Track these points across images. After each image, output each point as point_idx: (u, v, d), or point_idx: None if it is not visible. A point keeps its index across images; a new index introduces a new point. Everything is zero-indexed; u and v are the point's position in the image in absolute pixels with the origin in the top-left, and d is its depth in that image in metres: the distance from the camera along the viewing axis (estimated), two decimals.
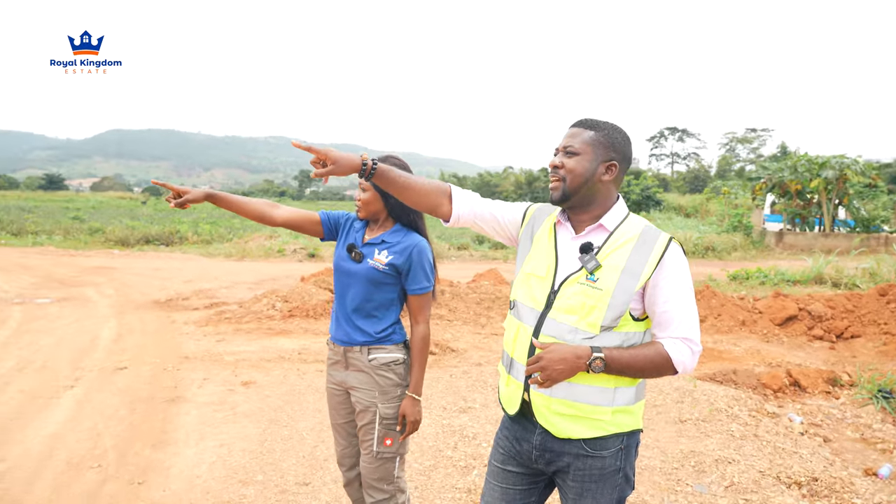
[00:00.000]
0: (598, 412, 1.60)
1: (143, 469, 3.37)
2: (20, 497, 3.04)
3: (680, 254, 1.61)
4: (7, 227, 22.13)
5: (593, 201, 1.67)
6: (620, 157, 1.66)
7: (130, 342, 6.36)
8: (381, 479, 2.17)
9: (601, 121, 1.68)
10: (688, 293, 1.59)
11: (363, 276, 2.16)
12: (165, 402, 4.48)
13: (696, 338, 1.58)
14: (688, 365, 1.58)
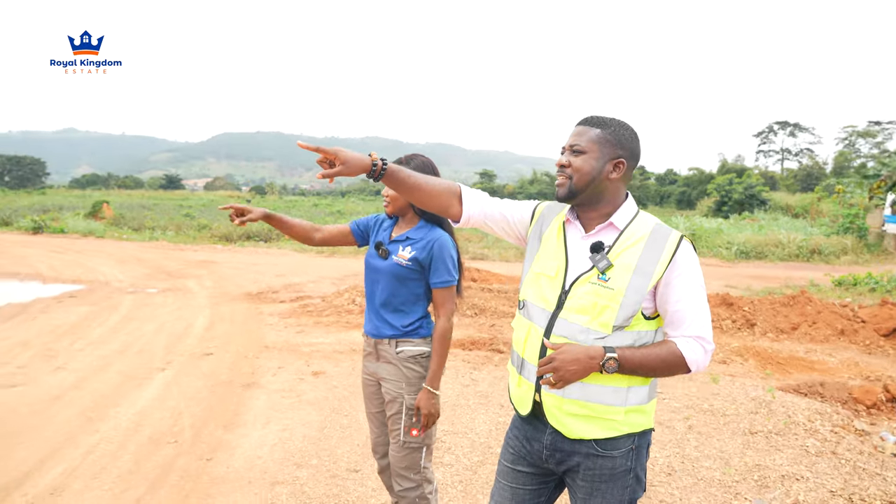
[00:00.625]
0: (611, 412, 1.59)
1: (213, 447, 3.65)
2: (106, 465, 3.39)
3: (691, 252, 1.58)
4: (129, 222, 24.39)
5: (601, 199, 1.65)
6: (628, 155, 1.63)
7: (220, 330, 6.84)
8: (408, 468, 2.24)
9: (608, 118, 1.65)
10: (699, 291, 1.57)
11: (388, 271, 2.25)
12: (241, 387, 4.80)
13: (709, 336, 1.57)
14: (701, 363, 1.57)
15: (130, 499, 3.01)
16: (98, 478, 3.23)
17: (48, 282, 10.60)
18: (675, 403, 4.49)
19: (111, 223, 24.29)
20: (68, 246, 17.03)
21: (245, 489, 3.11)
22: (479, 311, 7.83)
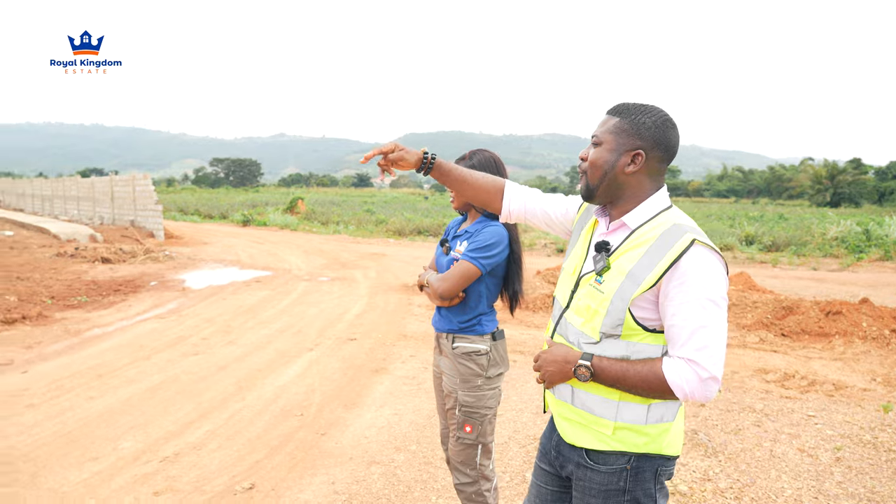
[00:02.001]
0: (599, 423, 1.47)
1: (330, 424, 3.96)
2: (240, 430, 3.85)
3: (703, 260, 1.35)
4: (318, 217, 27.06)
5: (620, 196, 1.50)
6: (649, 146, 1.45)
7: (369, 318, 7.34)
8: (464, 463, 2.25)
9: (634, 104, 1.49)
10: (705, 308, 1.33)
11: (446, 266, 2.27)
12: (371, 371, 5.12)
13: (708, 362, 1.32)
14: (692, 391, 1.33)
15: (251, 461, 3.40)
16: (232, 439, 3.69)
17: (244, 268, 12.16)
18: (828, 431, 3.90)
19: (304, 218, 27.12)
20: (266, 237, 19.35)
21: (345, 465, 3.35)
22: None
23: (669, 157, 1.48)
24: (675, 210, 1.49)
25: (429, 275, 2.32)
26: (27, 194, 33.64)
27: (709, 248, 1.37)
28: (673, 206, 1.49)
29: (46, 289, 8.80)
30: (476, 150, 2.33)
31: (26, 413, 4.09)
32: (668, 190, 1.53)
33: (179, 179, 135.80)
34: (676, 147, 1.48)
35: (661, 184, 1.51)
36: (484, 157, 2.29)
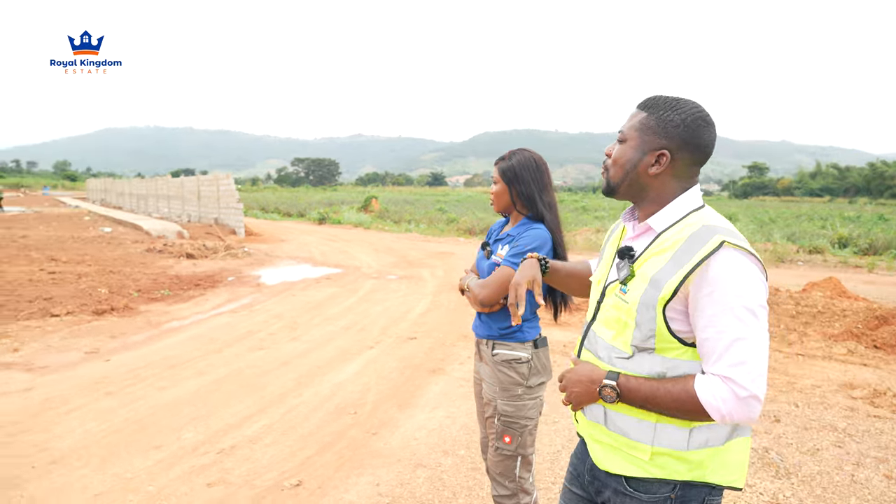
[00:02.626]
0: (636, 448, 1.34)
1: (382, 423, 3.97)
2: (295, 426, 3.93)
3: (735, 263, 1.21)
4: (391, 216, 27.51)
5: (644, 197, 1.39)
6: (676, 145, 1.31)
7: (431, 317, 7.35)
8: (502, 475, 2.17)
9: (665, 98, 1.36)
10: (739, 317, 1.19)
11: (487, 270, 2.19)
12: (428, 371, 5.11)
13: (746, 379, 1.17)
14: (728, 411, 1.19)
15: (301, 457, 3.45)
16: (286, 434, 3.77)
17: (317, 265, 12.51)
18: None
19: (377, 216, 27.65)
20: (340, 235, 19.85)
21: (391, 466, 3.33)
22: None
23: (701, 158, 1.34)
24: (708, 210, 1.34)
25: (469, 279, 2.26)
26: (125, 193, 36.11)
27: (742, 251, 1.22)
28: (705, 206, 1.35)
29: (134, 282, 9.37)
30: (516, 150, 2.25)
31: (104, 400, 4.35)
32: (755, 187, 1.40)
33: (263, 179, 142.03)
34: (710, 147, 1.34)
35: (692, 184, 1.37)
36: (524, 157, 2.21)
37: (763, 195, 69.25)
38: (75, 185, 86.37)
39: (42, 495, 2.99)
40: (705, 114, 1.33)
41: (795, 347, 6.20)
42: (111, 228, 19.63)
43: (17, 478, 3.16)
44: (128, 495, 2.99)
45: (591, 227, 20.31)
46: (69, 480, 3.14)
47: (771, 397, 4.55)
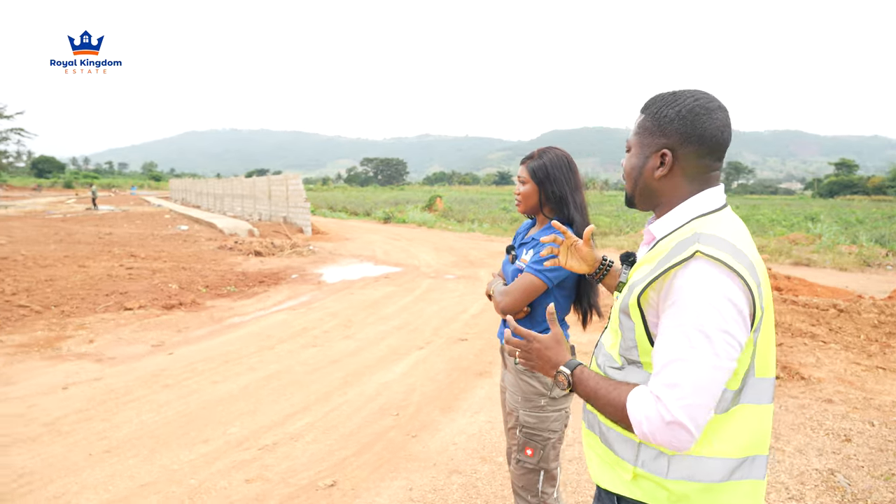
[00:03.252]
0: (621, 466, 1.24)
1: (423, 426, 3.93)
2: (337, 425, 3.95)
3: (702, 277, 1.08)
4: (455, 215, 27.57)
5: (658, 202, 1.28)
6: (677, 142, 1.19)
7: (484, 318, 7.27)
8: (524, 489, 2.08)
9: (661, 95, 1.25)
10: (688, 336, 1.07)
11: (511, 275, 2.10)
12: (475, 374, 5.04)
13: (674, 404, 1.06)
14: (652, 432, 1.09)
15: (339, 457, 3.46)
16: (327, 433, 3.80)
17: (378, 263, 12.68)
18: None
19: (441, 215, 27.78)
20: (403, 234, 20.05)
21: (426, 471, 3.29)
22: None
23: (711, 149, 1.20)
24: (717, 216, 1.19)
25: (495, 284, 2.18)
26: (203, 193, 37.90)
27: (717, 264, 1.08)
28: (716, 213, 1.20)
29: (203, 278, 9.78)
30: (545, 148, 2.15)
31: (161, 392, 4.54)
32: (842, 186, 1.24)
33: (333, 179, 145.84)
34: (719, 136, 1.19)
35: (708, 184, 1.23)
36: (555, 156, 2.10)
37: (851, 194, 64.71)
38: (160, 185, 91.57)
39: (93, 482, 3.13)
40: (704, 101, 1.20)
41: (876, 360, 5.73)
42: (188, 226, 20.63)
43: (75, 465, 3.33)
44: (171, 486, 3.09)
45: None
46: (119, 469, 3.27)
47: (842, 413, 4.21)
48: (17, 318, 6.90)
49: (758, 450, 1.20)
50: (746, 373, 1.16)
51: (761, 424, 1.19)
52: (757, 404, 1.18)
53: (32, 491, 3.04)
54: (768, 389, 1.20)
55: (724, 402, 1.15)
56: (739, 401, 1.16)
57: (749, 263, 1.11)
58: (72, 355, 5.55)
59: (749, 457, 1.18)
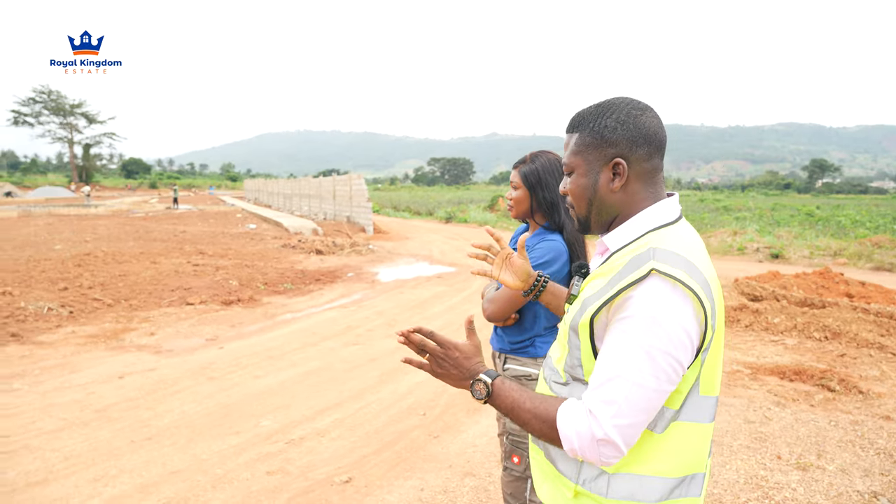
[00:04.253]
0: (563, 483, 1.20)
1: (446, 427, 3.96)
2: (364, 422, 4.04)
3: (655, 295, 1.04)
4: None
5: (614, 217, 1.21)
6: (627, 148, 1.15)
7: None
8: (513, 496, 2.06)
9: (588, 110, 1.20)
10: (632, 354, 1.03)
11: (499, 284, 2.09)
12: None
13: (606, 421, 1.04)
14: (582, 449, 1.06)
15: (360, 454, 3.54)
16: (353, 430, 3.89)
17: (434, 263, 12.80)
18: None
19: (503, 215, 27.65)
20: (462, 234, 20.13)
21: (442, 472, 3.31)
22: (831, 335, 6.29)
23: (657, 147, 1.16)
24: (671, 230, 1.14)
25: (488, 289, 2.18)
26: (274, 193, 39.36)
27: (672, 282, 1.03)
28: (671, 226, 1.15)
29: (263, 275, 10.18)
30: (538, 152, 2.12)
31: (206, 384, 4.77)
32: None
33: (401, 178, 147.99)
34: (659, 132, 1.17)
35: (659, 190, 1.19)
36: (548, 161, 2.07)
37: None
38: (235, 185, 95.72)
39: (130, 467, 3.34)
40: (635, 103, 1.17)
41: None
42: (256, 225, 21.49)
43: (117, 450, 3.56)
44: (198, 475, 3.25)
45: (728, 228, 18.76)
46: (155, 456, 3.48)
47: (876, 423, 3.93)
48: (90, 309, 7.42)
49: (696, 468, 1.15)
50: (690, 391, 1.12)
51: (701, 443, 1.15)
52: (697, 423, 1.13)
53: (76, 472, 3.28)
54: (710, 408, 1.15)
55: (664, 420, 1.12)
56: (679, 418, 1.12)
57: (704, 281, 1.07)
58: (133, 346, 5.92)
59: (688, 475, 1.14)
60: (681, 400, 1.11)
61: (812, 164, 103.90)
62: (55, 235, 16.08)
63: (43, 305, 7.29)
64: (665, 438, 1.12)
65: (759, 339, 6.26)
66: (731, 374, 5.06)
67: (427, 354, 1.29)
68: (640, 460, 1.12)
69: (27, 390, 4.59)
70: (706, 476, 1.20)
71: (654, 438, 1.12)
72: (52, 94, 75.22)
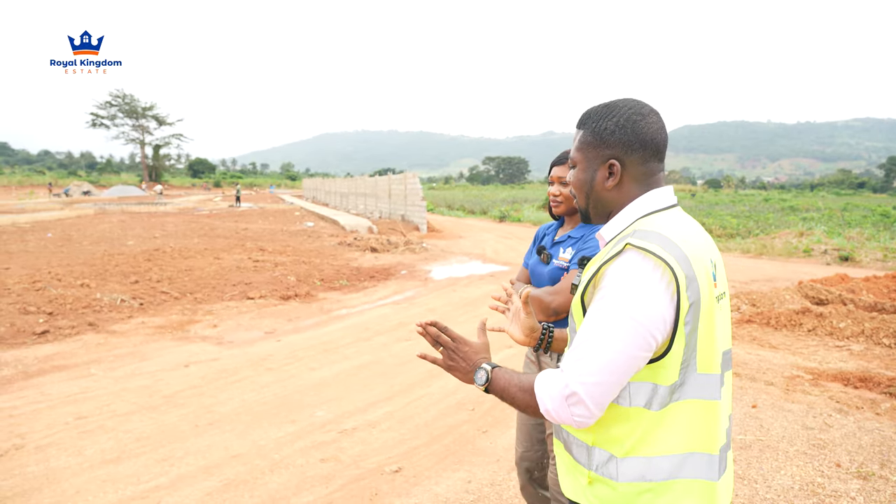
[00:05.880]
0: (579, 471, 1.24)
1: (494, 422, 4.01)
2: (414, 415, 4.13)
3: (627, 266, 1.12)
4: None
5: (611, 212, 1.31)
6: (622, 150, 1.23)
7: None
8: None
9: (596, 108, 1.28)
10: (603, 317, 1.11)
11: (548, 276, 2.11)
12: None
13: (573, 376, 1.11)
14: (555, 407, 1.13)
15: (410, 446, 3.63)
16: (403, 423, 3.99)
17: (486, 262, 12.84)
18: None
19: None
20: (515, 233, 20.08)
21: (489, 466, 3.36)
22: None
23: (654, 152, 1.24)
24: (660, 215, 1.22)
25: (525, 289, 2.20)
26: (331, 191, 40.25)
27: (645, 254, 1.11)
28: (661, 212, 1.23)
29: (319, 272, 10.47)
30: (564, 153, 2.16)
31: (264, 375, 4.98)
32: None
33: (455, 177, 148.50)
34: (658, 137, 1.24)
35: (653, 185, 1.26)
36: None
37: None
38: (295, 184, 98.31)
39: (195, 450, 3.54)
40: (638, 108, 1.24)
41: None
42: (313, 223, 22.05)
43: (183, 433, 3.78)
44: (256, 459, 3.42)
45: (794, 229, 17.98)
46: (217, 440, 3.67)
47: None
48: (158, 302, 7.84)
49: (705, 447, 1.18)
50: (685, 368, 1.15)
51: (706, 421, 1.18)
52: (699, 399, 1.17)
53: (146, 452, 3.50)
54: (712, 386, 1.18)
55: (659, 398, 1.15)
56: (680, 397, 1.16)
57: (682, 255, 1.12)
58: (197, 337, 6.23)
59: (696, 453, 1.17)
60: (672, 377, 1.15)
61: (889, 162, 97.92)
62: (127, 232, 16.99)
63: (116, 297, 7.76)
64: (666, 417, 1.16)
65: (823, 343, 6.02)
66: (790, 379, 4.90)
67: (441, 348, 1.38)
68: (646, 443, 1.16)
69: (102, 375, 4.91)
70: (724, 463, 1.22)
71: (653, 418, 1.16)
72: (127, 97, 79.18)
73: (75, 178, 74.46)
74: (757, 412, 4.18)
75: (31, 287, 7.96)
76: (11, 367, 5.07)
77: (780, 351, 5.82)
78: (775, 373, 5.05)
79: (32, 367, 5.11)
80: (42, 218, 22.12)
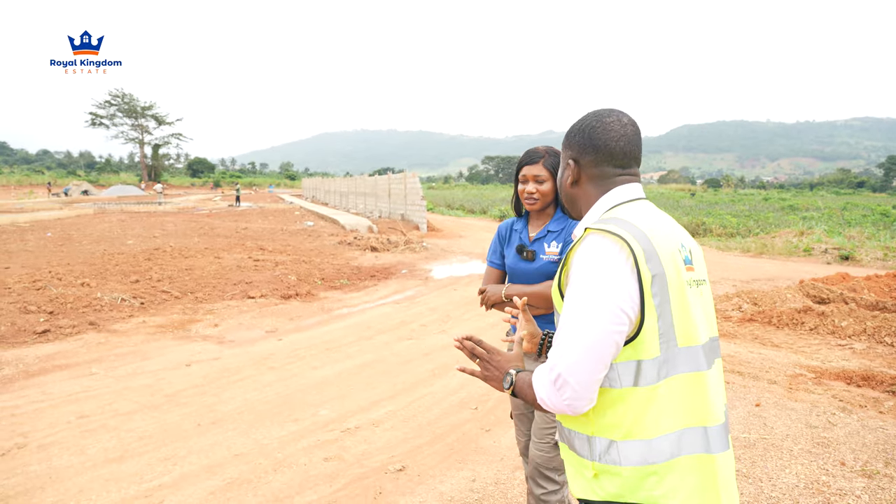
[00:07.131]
0: (584, 465, 1.25)
1: (498, 421, 4.00)
2: (416, 415, 4.12)
3: (588, 247, 1.20)
4: None
5: (578, 208, 1.43)
6: (577, 153, 1.38)
7: None
8: (556, 469, 2.10)
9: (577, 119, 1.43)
10: (571, 301, 1.19)
11: (539, 272, 2.12)
12: None
13: (554, 360, 1.17)
14: (548, 395, 1.19)
15: (413, 444, 3.62)
16: (406, 422, 3.98)
17: None
18: None
19: None
20: None
21: (492, 465, 3.35)
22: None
23: (606, 156, 1.34)
24: (624, 206, 1.31)
25: (513, 288, 2.20)
26: (331, 191, 40.23)
27: (604, 234, 1.19)
28: (625, 204, 1.32)
29: (320, 271, 10.46)
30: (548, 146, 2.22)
31: (267, 374, 4.97)
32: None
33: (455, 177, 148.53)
34: (612, 144, 1.34)
35: (610, 186, 1.36)
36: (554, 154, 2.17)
37: None
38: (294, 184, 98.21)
39: (198, 449, 3.53)
40: (603, 117, 1.35)
41: None
42: (313, 222, 22.03)
43: (185, 432, 3.77)
44: (259, 458, 3.41)
45: (793, 228, 17.98)
46: (220, 439, 3.66)
47: None
48: (159, 301, 7.82)
49: (697, 421, 1.19)
50: (665, 343, 1.18)
51: (696, 392, 1.20)
52: (687, 372, 1.20)
53: (148, 451, 3.49)
54: (695, 357, 1.21)
55: (646, 374, 1.17)
56: (668, 373, 1.18)
57: (639, 233, 1.19)
58: (198, 337, 6.22)
59: (687, 428, 1.18)
60: (653, 350, 1.17)
61: (889, 162, 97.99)
62: (127, 231, 16.97)
63: (117, 296, 7.74)
64: (656, 394, 1.18)
65: (825, 342, 6.01)
66: (793, 377, 4.89)
67: (477, 360, 1.43)
68: (642, 423, 1.18)
69: (104, 374, 4.90)
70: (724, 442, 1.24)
71: (644, 395, 1.18)
72: (126, 96, 79.09)
73: (74, 177, 74.42)
74: (760, 411, 4.18)
75: (32, 286, 7.95)
76: (13, 367, 5.06)
77: (783, 350, 5.82)
78: (778, 371, 5.05)
79: (34, 366, 5.10)
80: (41, 217, 22.10)
